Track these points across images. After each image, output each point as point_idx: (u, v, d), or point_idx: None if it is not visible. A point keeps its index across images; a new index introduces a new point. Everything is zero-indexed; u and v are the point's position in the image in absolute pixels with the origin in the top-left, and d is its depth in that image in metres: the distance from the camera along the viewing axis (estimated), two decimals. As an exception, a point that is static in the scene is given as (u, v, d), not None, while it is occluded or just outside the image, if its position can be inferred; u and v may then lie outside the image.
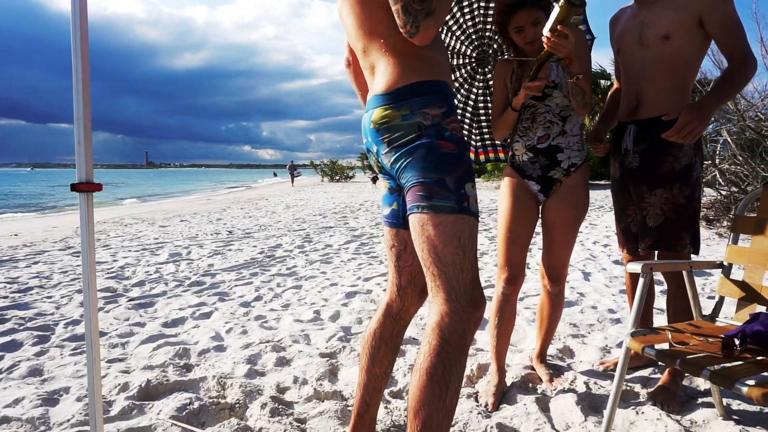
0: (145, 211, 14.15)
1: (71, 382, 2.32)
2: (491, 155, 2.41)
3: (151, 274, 4.78)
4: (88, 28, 1.18)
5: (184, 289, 4.21)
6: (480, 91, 2.33)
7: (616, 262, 4.75)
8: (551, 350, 2.56)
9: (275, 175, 72.30)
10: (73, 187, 1.20)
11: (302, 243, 6.61)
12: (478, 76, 2.32)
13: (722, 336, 1.46)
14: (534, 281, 3.98)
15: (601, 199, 11.49)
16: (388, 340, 1.56)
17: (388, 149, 1.29)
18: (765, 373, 1.31)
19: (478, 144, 2.40)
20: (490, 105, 2.34)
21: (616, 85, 2.32)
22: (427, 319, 1.28)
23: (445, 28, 2.26)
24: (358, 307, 3.49)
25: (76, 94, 1.19)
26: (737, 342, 1.41)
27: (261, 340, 2.82)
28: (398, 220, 1.50)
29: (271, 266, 5.12)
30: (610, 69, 15.98)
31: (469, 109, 2.35)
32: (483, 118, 2.37)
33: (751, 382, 1.21)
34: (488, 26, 2.21)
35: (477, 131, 2.39)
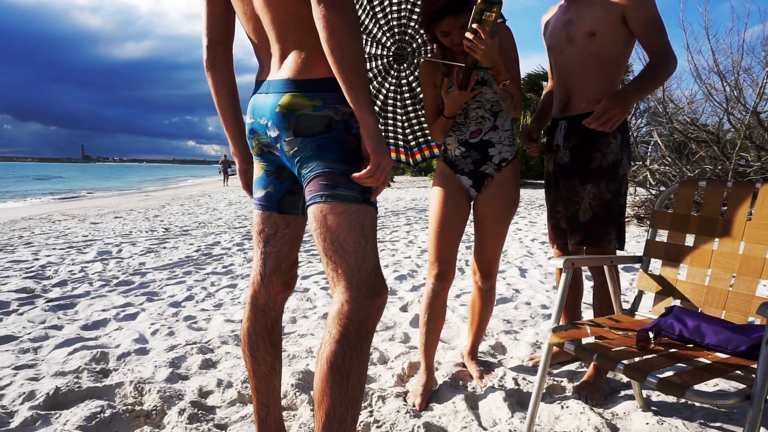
0: (76, 207, 13.43)
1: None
2: (402, 156, 2.38)
3: (74, 274, 4.50)
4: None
5: (110, 289, 3.97)
6: (392, 87, 2.26)
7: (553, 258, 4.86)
8: (484, 347, 2.57)
9: (221, 172, 69.91)
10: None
11: (241, 240, 6.42)
12: (392, 72, 2.24)
13: (639, 330, 1.49)
14: (471, 278, 4.00)
15: (542, 197, 11.82)
16: (265, 335, 1.49)
17: (293, 137, 1.26)
18: (677, 365, 1.34)
19: (400, 144, 2.36)
20: (399, 104, 2.29)
21: (549, 85, 2.33)
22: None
23: (369, 7, 2.15)
24: (293, 305, 3.40)
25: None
26: (651, 335, 1.43)
27: (187, 342, 2.69)
28: (272, 203, 1.45)
29: (206, 264, 4.93)
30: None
31: (378, 103, 2.28)
32: (399, 117, 2.32)
33: (664, 375, 1.23)
34: (412, 22, 2.14)
35: (393, 130, 2.34)
